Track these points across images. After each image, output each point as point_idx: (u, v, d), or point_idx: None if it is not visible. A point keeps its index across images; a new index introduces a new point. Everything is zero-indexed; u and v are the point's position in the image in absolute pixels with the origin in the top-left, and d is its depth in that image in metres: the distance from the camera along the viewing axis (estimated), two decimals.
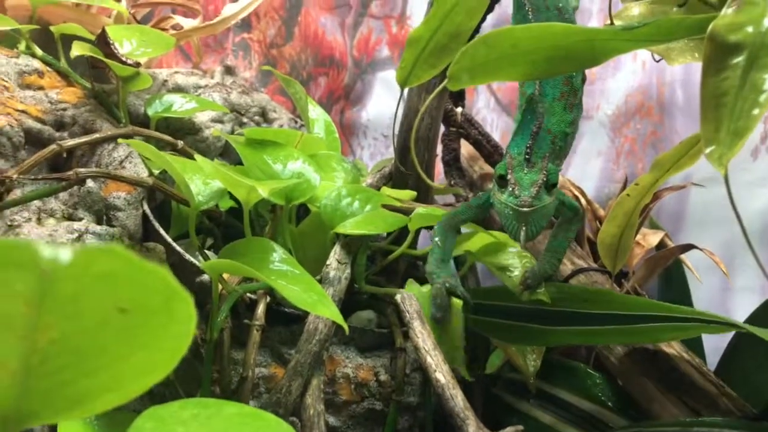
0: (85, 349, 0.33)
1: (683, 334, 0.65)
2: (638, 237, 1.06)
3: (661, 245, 1.04)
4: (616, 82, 1.20)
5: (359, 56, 1.37)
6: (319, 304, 0.61)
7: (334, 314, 0.61)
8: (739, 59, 0.51)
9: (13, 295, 0.29)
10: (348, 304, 0.83)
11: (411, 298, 0.69)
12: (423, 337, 0.64)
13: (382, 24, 1.38)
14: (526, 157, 0.64)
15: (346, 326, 0.62)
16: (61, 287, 0.29)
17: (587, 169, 1.20)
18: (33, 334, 0.31)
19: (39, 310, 0.30)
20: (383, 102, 1.38)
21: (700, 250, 0.94)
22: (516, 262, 0.73)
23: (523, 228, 0.62)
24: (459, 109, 1.08)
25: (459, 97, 1.11)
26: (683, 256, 1.04)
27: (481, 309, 0.75)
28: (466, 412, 0.58)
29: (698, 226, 1.11)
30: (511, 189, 0.63)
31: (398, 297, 0.71)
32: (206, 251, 0.83)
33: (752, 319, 0.77)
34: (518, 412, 0.83)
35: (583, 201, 1.02)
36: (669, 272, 1.03)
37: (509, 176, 0.63)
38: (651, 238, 1.06)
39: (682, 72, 1.15)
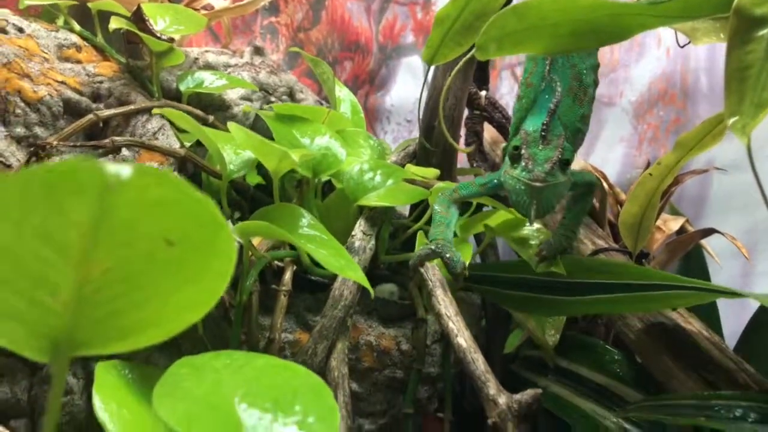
0: (136, 280, 0.35)
1: (696, 299, 0.67)
2: (659, 222, 1.07)
3: (681, 231, 1.05)
4: (639, 69, 1.21)
5: (384, 41, 1.39)
6: (347, 268, 0.63)
7: (361, 278, 0.63)
8: (764, 32, 0.52)
9: (69, 224, 0.31)
10: (371, 277, 0.85)
11: (434, 267, 0.71)
12: (445, 303, 0.66)
13: (408, 10, 1.40)
14: (542, 134, 0.63)
15: (371, 289, 0.64)
16: (117, 215, 0.31)
17: (610, 156, 1.20)
18: (87, 264, 0.33)
19: (95, 239, 0.32)
20: (407, 87, 1.40)
21: (722, 234, 0.94)
22: (533, 234, 0.74)
23: (534, 205, 0.61)
24: (483, 93, 1.09)
25: (483, 81, 1.12)
26: (704, 242, 1.05)
27: (500, 282, 0.77)
28: (486, 374, 0.59)
29: (720, 212, 1.12)
30: (524, 164, 0.62)
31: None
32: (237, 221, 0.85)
33: None
34: (536, 386, 0.84)
35: (605, 185, 1.02)
36: (689, 257, 1.04)
37: (523, 152, 0.63)
38: (672, 224, 1.07)
39: (706, 59, 1.15)
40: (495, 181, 0.71)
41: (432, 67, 0.90)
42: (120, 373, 0.63)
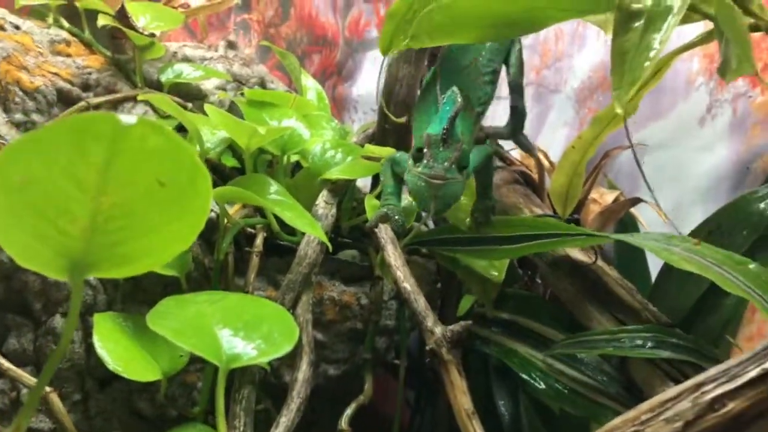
0: (136, 215, 0.45)
1: (589, 241, 0.84)
2: (596, 195, 1.19)
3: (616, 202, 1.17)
4: (581, 59, 1.33)
5: (350, 36, 1.50)
6: (309, 226, 0.74)
7: (320, 234, 0.74)
8: (639, 24, 0.63)
9: (90, 164, 0.41)
10: (336, 244, 0.97)
11: (386, 229, 0.82)
12: (395, 256, 0.77)
13: (372, 7, 1.51)
14: (443, 137, 0.68)
15: (329, 243, 0.75)
16: (122, 159, 0.41)
17: (555, 137, 1.33)
18: (100, 198, 0.43)
19: (106, 177, 0.42)
20: (372, 79, 1.50)
21: (645, 202, 1.07)
22: (464, 205, 0.85)
23: (434, 201, 0.67)
24: None
25: None
26: (636, 213, 1.18)
27: (445, 242, 0.88)
28: (426, 311, 0.71)
29: (652, 186, 1.24)
30: (425, 162, 0.67)
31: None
32: None
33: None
34: (480, 336, 0.96)
35: (545, 161, 1.14)
36: (624, 226, 1.16)
37: (426, 151, 0.68)
38: (608, 196, 1.19)
39: None
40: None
41: (387, 58, 1.02)
42: (115, 321, 0.74)
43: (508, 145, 1.17)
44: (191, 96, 1.07)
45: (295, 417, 0.67)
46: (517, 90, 0.93)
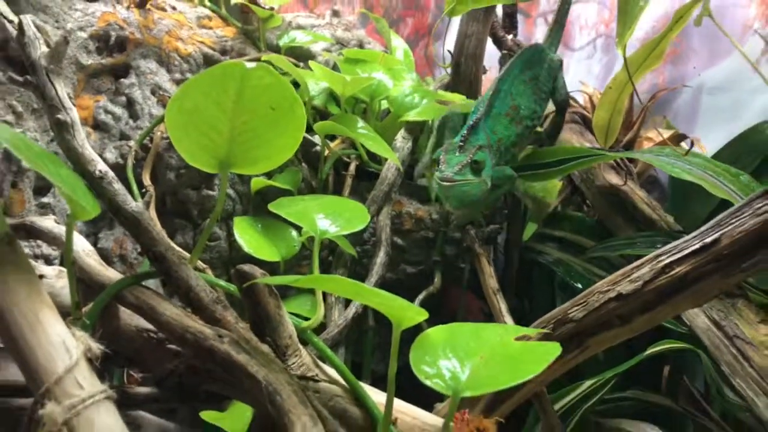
0: (257, 130, 0.70)
1: (603, 159, 0.99)
2: (653, 134, 1.34)
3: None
4: (646, 11, 1.45)
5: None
6: (386, 152, 0.97)
7: (394, 158, 0.97)
8: None
9: (228, 95, 0.66)
10: (413, 174, 1.20)
11: None
12: None
13: None
14: (461, 144, 0.82)
15: (400, 165, 0.98)
16: (247, 91, 0.66)
17: None
18: (234, 118, 0.68)
19: (238, 104, 0.67)
20: None
21: (687, 137, 1.20)
22: None
23: (448, 199, 0.79)
24: (510, 36, 1.38)
25: (512, 27, 1.41)
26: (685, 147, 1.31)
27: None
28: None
29: (707, 126, 1.36)
30: (440, 166, 0.81)
31: None
32: None
33: None
34: (535, 249, 1.16)
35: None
36: None
37: (441, 157, 0.82)
38: (664, 135, 1.33)
39: None
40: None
41: (459, 19, 1.22)
42: (249, 222, 1.01)
43: (570, 87, 1.33)
44: (303, 56, 1.33)
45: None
46: (563, 109, 1.08)
